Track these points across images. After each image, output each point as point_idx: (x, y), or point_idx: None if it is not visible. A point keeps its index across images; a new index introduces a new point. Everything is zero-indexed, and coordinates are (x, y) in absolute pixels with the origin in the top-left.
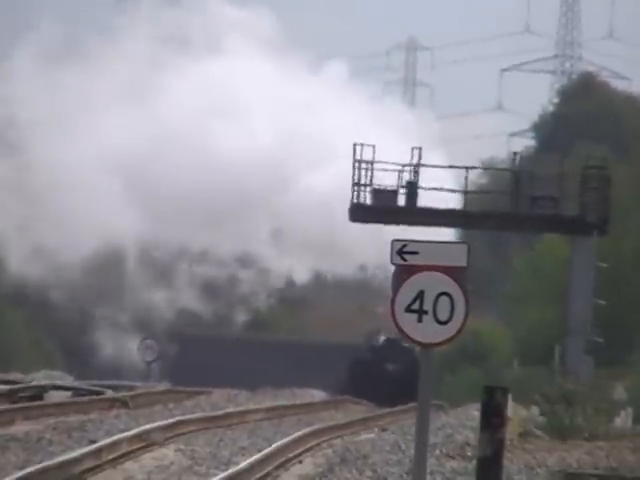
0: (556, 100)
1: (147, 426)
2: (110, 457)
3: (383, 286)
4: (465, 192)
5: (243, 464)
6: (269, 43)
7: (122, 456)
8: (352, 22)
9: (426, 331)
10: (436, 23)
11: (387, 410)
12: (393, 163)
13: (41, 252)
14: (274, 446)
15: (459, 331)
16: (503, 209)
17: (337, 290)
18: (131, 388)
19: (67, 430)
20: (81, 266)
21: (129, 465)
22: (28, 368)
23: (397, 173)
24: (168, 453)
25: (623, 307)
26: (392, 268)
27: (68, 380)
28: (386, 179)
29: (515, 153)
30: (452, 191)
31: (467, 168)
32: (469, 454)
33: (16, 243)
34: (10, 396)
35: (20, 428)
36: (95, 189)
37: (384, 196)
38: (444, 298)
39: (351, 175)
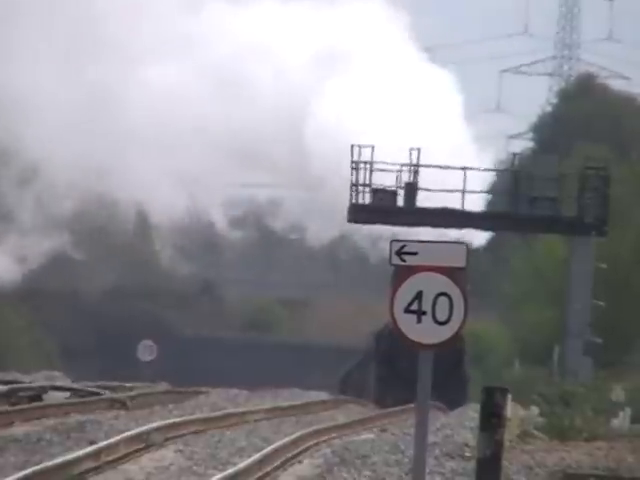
0: (555, 101)
1: (146, 427)
2: (109, 458)
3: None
4: (464, 192)
5: (242, 465)
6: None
7: (121, 457)
8: None
9: (425, 332)
10: (436, 23)
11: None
12: (392, 164)
13: None
14: (273, 446)
15: (458, 332)
16: (502, 210)
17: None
18: (130, 389)
19: (66, 431)
20: None
21: (128, 466)
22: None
23: (396, 173)
24: (167, 454)
25: (622, 308)
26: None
27: (67, 381)
28: (386, 179)
29: (514, 154)
30: (451, 191)
31: (466, 169)
32: (468, 454)
33: None
34: (9, 397)
35: (19, 429)
36: None
37: (383, 196)
38: (443, 299)
39: (349, 176)
